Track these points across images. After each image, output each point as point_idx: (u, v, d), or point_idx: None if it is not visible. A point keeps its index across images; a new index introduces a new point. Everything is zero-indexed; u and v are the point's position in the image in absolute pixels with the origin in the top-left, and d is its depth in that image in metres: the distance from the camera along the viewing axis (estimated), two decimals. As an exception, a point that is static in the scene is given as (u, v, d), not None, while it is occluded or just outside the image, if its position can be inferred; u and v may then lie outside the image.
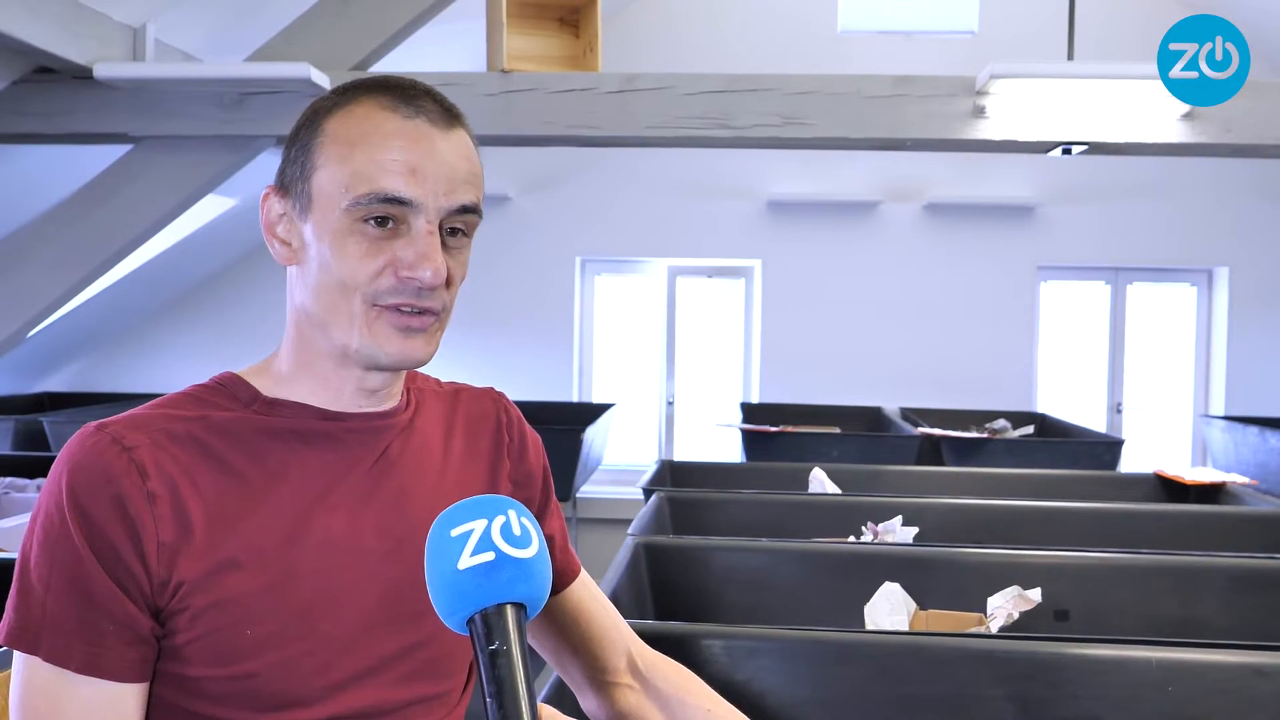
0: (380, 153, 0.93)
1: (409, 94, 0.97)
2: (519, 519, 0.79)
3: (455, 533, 0.78)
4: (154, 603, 0.91)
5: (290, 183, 0.98)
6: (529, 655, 0.76)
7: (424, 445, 1.06)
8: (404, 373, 1.05)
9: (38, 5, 2.88)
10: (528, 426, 1.18)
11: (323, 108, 0.99)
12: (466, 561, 0.76)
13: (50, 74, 3.28)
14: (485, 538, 0.77)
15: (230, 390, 1.00)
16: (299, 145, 0.98)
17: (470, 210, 0.97)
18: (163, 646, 0.92)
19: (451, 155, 0.96)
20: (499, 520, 0.78)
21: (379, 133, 0.94)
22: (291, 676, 0.93)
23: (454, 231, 0.97)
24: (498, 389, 1.19)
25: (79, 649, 0.89)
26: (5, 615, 0.91)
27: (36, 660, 0.90)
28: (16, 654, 0.91)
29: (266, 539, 0.94)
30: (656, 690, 1.18)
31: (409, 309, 0.95)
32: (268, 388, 1.00)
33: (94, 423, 0.94)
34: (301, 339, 1.00)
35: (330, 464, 0.99)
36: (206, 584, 0.91)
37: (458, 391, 1.14)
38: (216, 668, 0.92)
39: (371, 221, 0.93)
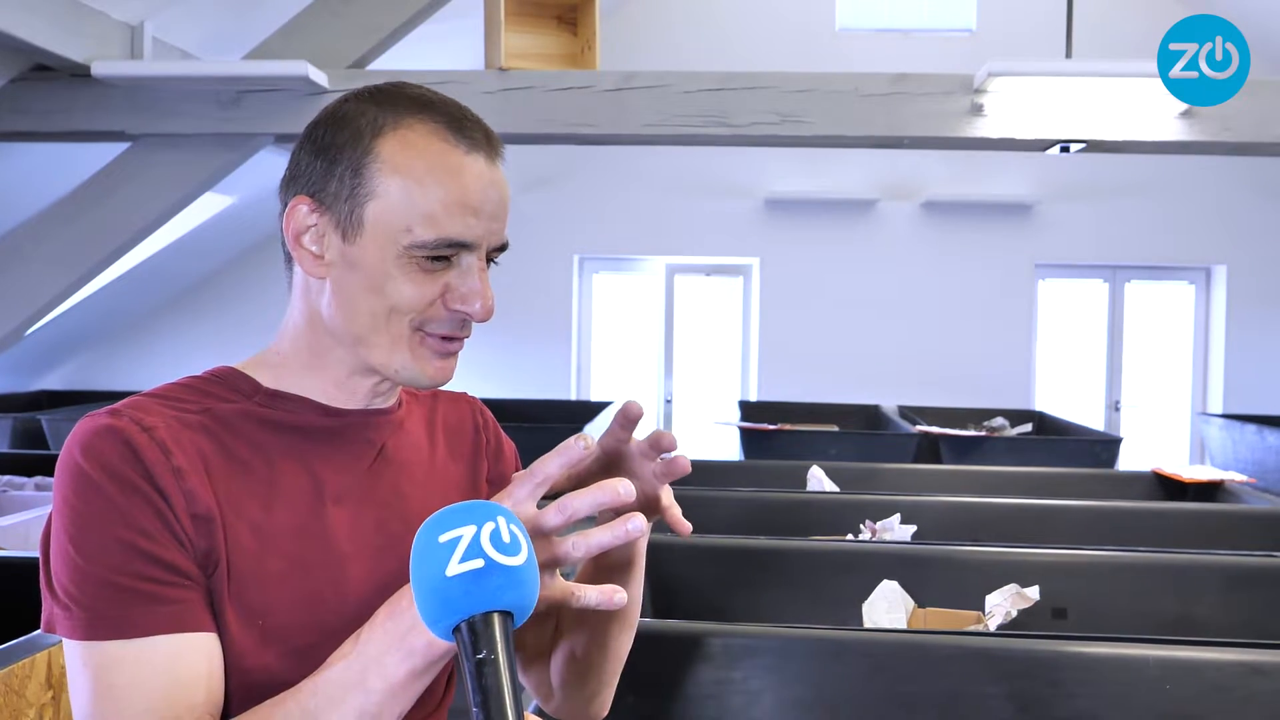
0: (449, 193, 0.94)
1: (463, 124, 0.96)
2: (508, 526, 0.79)
3: (443, 538, 0.77)
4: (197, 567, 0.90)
5: (332, 200, 0.96)
6: (516, 664, 0.76)
7: (414, 444, 1.08)
8: None
9: (35, 3, 2.87)
10: (503, 431, 1.20)
11: (367, 125, 0.95)
12: (455, 568, 0.75)
13: (48, 72, 3.28)
14: (474, 544, 0.76)
15: (229, 383, 1.00)
16: (347, 164, 0.95)
17: (504, 249, 1.00)
18: None
19: (500, 192, 0.98)
20: (488, 527, 0.78)
21: (444, 169, 0.94)
22: (299, 669, 0.93)
23: (487, 260, 1.00)
24: (498, 389, 1.21)
25: (139, 610, 0.87)
26: (60, 617, 0.89)
27: (97, 645, 0.87)
28: (73, 646, 0.88)
29: (275, 531, 0.94)
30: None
31: (451, 339, 0.98)
32: (268, 381, 1.01)
33: (101, 410, 0.93)
34: (316, 344, 1.00)
35: (331, 459, 1.00)
36: (225, 573, 0.91)
37: (435, 396, 1.16)
38: (225, 660, 0.91)
39: (431, 258, 0.95)
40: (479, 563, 0.76)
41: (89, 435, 0.90)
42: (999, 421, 5.13)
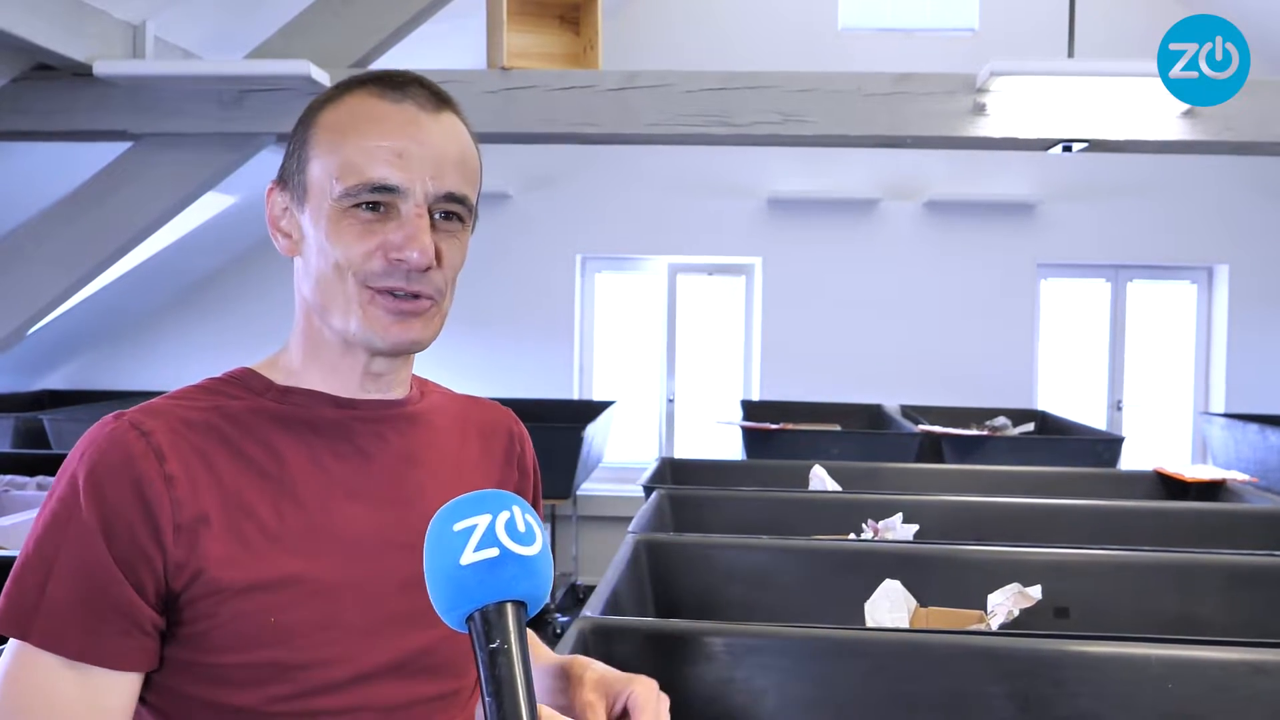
0: (368, 139, 0.95)
1: (397, 81, 0.99)
2: (523, 515, 0.78)
3: (458, 527, 0.77)
4: (169, 587, 0.90)
5: (288, 176, 1.01)
6: (529, 654, 0.75)
7: (439, 444, 1.07)
8: (410, 360, 1.06)
9: (37, 2, 2.88)
10: (530, 443, 1.21)
11: (317, 103, 1.01)
12: (469, 557, 0.75)
13: (50, 71, 3.28)
14: (489, 533, 0.76)
15: (243, 382, 1.01)
16: (296, 140, 1.01)
17: (459, 200, 0.98)
18: (183, 634, 0.92)
19: (440, 138, 0.97)
20: (503, 516, 0.77)
21: (367, 119, 0.97)
22: (317, 666, 0.93)
23: (448, 216, 0.98)
24: (500, 389, 1.21)
25: (75, 634, 0.88)
26: (1, 600, 0.90)
27: (27, 646, 0.89)
28: (11, 640, 0.90)
29: (287, 528, 0.94)
30: None
31: (402, 293, 0.96)
32: (280, 379, 1.02)
33: (111, 414, 0.94)
34: (309, 328, 1.02)
35: (346, 456, 0.99)
36: (227, 570, 0.91)
37: (471, 399, 1.17)
38: (239, 655, 0.91)
39: (363, 207, 0.95)
40: (493, 552, 0.75)
41: (91, 443, 0.92)
42: (1001, 421, 5.13)
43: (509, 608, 0.75)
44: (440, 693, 1.01)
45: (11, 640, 0.90)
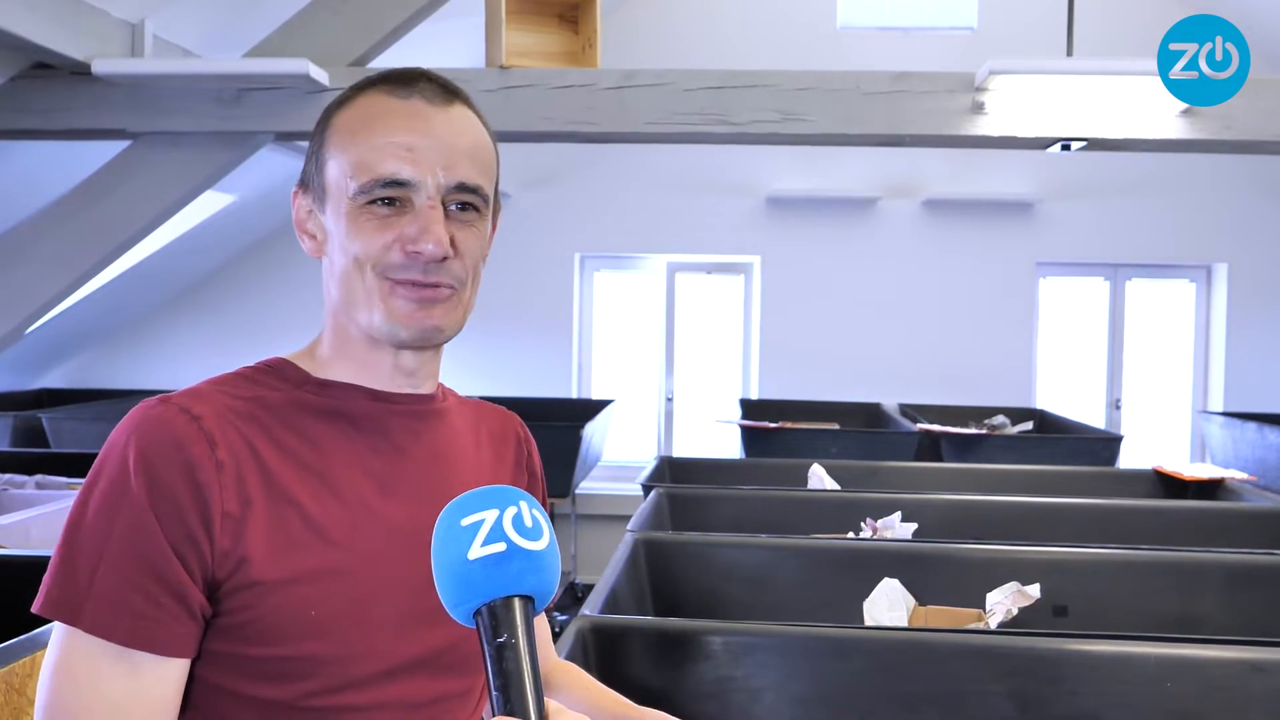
0: (377, 136, 0.97)
1: (406, 77, 1.01)
2: (530, 510, 0.79)
3: (466, 522, 0.77)
4: (213, 574, 0.89)
5: (309, 178, 1.03)
6: (536, 649, 0.75)
7: (462, 443, 1.09)
8: (438, 355, 1.06)
9: (36, 1, 2.87)
10: (535, 446, 1.22)
11: (333, 106, 1.03)
12: (477, 551, 0.75)
13: (49, 70, 3.28)
14: (497, 528, 0.76)
15: (280, 372, 1.01)
16: (314, 143, 1.03)
17: (472, 190, 0.99)
18: (220, 625, 0.91)
19: (448, 130, 0.99)
20: (510, 511, 0.77)
21: (377, 117, 0.98)
22: (350, 661, 0.93)
23: (464, 206, 0.99)
24: (498, 388, 1.22)
25: (125, 620, 0.87)
26: (44, 585, 0.89)
27: (76, 632, 0.87)
28: (57, 628, 0.89)
29: (329, 521, 0.94)
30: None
31: (421, 284, 0.97)
32: (315, 370, 1.02)
33: (154, 398, 0.94)
34: (338, 327, 1.03)
35: (381, 450, 1.00)
36: (271, 561, 0.90)
37: (479, 404, 1.18)
38: (276, 648, 0.91)
39: (379, 203, 0.96)
40: (501, 546, 0.76)
41: (139, 425, 0.91)
42: (1000, 419, 5.13)
43: (516, 603, 0.75)
44: (462, 689, 1.02)
45: (57, 627, 0.89)
